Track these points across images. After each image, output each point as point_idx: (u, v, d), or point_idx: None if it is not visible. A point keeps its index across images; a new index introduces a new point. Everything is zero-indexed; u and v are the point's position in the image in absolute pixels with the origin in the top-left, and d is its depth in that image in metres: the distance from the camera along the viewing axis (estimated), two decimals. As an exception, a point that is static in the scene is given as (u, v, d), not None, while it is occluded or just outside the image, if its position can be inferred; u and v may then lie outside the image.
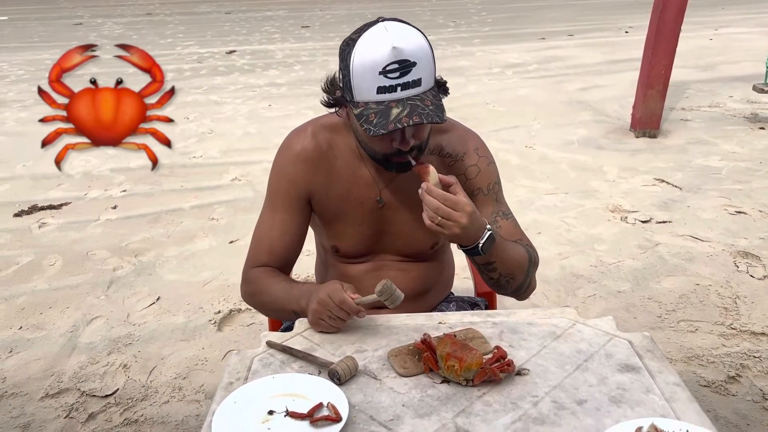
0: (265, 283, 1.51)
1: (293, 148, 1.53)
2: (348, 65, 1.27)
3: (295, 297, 1.42)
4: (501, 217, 1.54)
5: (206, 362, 2.61)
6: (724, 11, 11.95)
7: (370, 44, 1.25)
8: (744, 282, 3.05)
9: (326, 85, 1.39)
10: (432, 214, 1.29)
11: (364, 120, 1.27)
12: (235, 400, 1.14)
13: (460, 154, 1.53)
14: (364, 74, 1.25)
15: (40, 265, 3.44)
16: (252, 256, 1.57)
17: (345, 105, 1.38)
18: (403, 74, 1.24)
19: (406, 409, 1.13)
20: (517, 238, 1.53)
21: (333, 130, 1.53)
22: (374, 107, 1.27)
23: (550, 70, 7.88)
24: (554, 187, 4.31)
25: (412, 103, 1.26)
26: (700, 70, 7.36)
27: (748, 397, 2.31)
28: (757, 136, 5.23)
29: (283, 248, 1.55)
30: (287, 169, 1.52)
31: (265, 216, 1.57)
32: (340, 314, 1.31)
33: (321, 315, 1.33)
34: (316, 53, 9.52)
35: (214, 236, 3.74)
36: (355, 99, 1.29)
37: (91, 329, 2.85)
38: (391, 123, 1.24)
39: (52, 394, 2.44)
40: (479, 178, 1.53)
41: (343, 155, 1.52)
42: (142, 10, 15.62)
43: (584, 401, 1.14)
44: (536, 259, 1.53)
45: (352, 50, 1.26)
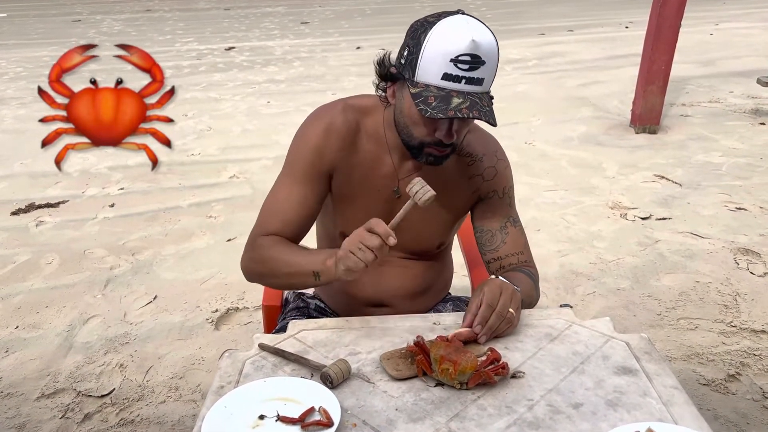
0: (277, 248, 1.44)
1: (323, 119, 1.49)
2: (420, 43, 1.26)
3: (320, 256, 1.36)
4: (511, 224, 1.56)
5: (203, 362, 2.59)
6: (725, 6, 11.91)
7: (450, 30, 1.24)
8: (744, 279, 3.04)
9: (381, 59, 1.39)
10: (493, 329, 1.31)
11: (422, 101, 1.26)
12: (226, 405, 1.12)
13: (480, 155, 1.53)
14: (435, 57, 1.24)
15: (37, 264, 3.43)
16: (262, 223, 1.51)
17: (395, 83, 1.38)
18: (471, 68, 1.24)
19: (400, 413, 1.12)
20: (519, 251, 1.55)
21: (362, 111, 1.51)
22: (435, 91, 1.26)
23: (550, 65, 7.85)
24: (554, 183, 4.29)
25: (472, 99, 1.25)
26: (701, 66, 7.33)
27: (748, 396, 2.29)
28: (757, 131, 5.20)
29: (297, 221, 1.49)
30: (314, 140, 1.48)
31: (283, 185, 1.51)
32: (370, 241, 1.25)
33: (352, 246, 1.27)
34: (315, 49, 9.49)
35: (212, 234, 3.73)
36: (416, 79, 1.28)
37: (87, 329, 2.83)
38: (451, 110, 1.23)
39: (48, 394, 2.42)
40: (496, 180, 1.54)
41: (369, 139, 1.50)
42: (141, 7, 15.58)
43: (580, 405, 1.12)
44: (538, 278, 1.55)
45: (429, 30, 1.26)
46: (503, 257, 1.53)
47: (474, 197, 1.56)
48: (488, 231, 1.56)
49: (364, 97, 1.53)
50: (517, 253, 1.54)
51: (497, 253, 1.54)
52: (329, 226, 1.61)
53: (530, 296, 1.48)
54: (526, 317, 1.41)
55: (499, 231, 1.55)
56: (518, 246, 1.55)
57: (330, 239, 1.63)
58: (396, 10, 13.16)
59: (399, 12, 12.85)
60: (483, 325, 1.28)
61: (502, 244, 1.54)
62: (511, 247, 1.54)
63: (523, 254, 1.56)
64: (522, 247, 1.56)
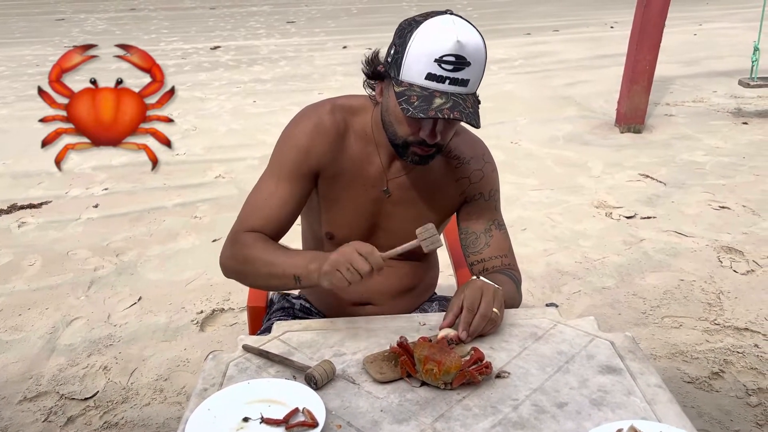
0: (259, 246, 1.42)
1: (311, 119, 1.48)
2: (405, 42, 1.26)
3: (303, 260, 1.34)
4: (495, 227, 1.56)
5: (188, 363, 2.57)
6: (708, 6, 12.01)
7: (435, 30, 1.24)
8: (727, 277, 3.06)
9: (370, 57, 1.39)
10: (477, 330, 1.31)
11: (405, 100, 1.26)
12: (209, 407, 1.11)
13: (467, 158, 1.53)
14: (420, 56, 1.24)
15: (19, 266, 3.39)
16: (244, 219, 1.50)
17: (382, 81, 1.38)
18: (456, 69, 1.24)
19: (385, 414, 1.11)
20: (503, 254, 1.55)
21: (350, 111, 1.51)
22: (418, 91, 1.26)
23: (536, 65, 7.88)
24: (539, 182, 4.31)
25: (455, 99, 1.25)
26: (685, 66, 7.39)
27: (732, 393, 2.31)
28: (740, 131, 5.25)
29: (279, 219, 1.48)
30: (302, 140, 1.47)
31: (267, 182, 1.50)
32: (361, 266, 1.23)
33: (339, 265, 1.24)
34: (301, 49, 9.46)
35: (197, 235, 3.70)
36: (400, 78, 1.28)
37: (70, 330, 2.80)
38: (432, 110, 1.23)
39: (30, 398, 2.39)
40: (482, 183, 1.55)
41: (358, 139, 1.50)
42: (126, 5, 15.44)
43: (565, 404, 1.12)
44: (520, 281, 1.56)
45: (415, 30, 1.26)
46: (486, 260, 1.54)
47: (460, 199, 1.56)
48: (473, 233, 1.56)
49: (352, 97, 1.53)
50: (500, 255, 1.54)
51: (481, 255, 1.54)
52: (315, 225, 1.61)
53: (512, 298, 1.48)
54: (512, 316, 1.41)
55: (484, 233, 1.55)
56: (502, 249, 1.55)
57: (316, 239, 1.63)
58: (382, 10, 13.15)
59: (385, 12, 12.85)
60: (467, 330, 1.29)
61: (486, 246, 1.54)
62: (495, 250, 1.54)
63: (507, 257, 1.56)
64: (506, 250, 1.56)
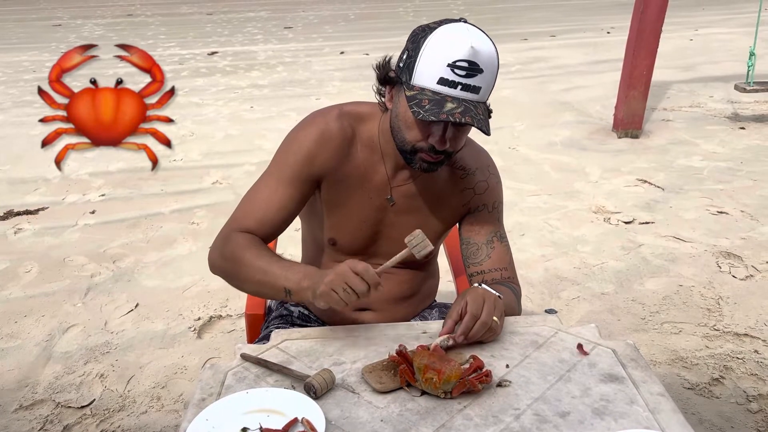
0: (252, 251, 1.39)
1: (318, 125, 1.48)
2: (419, 47, 1.27)
3: (296, 274, 1.32)
4: (497, 239, 1.56)
5: (185, 371, 2.56)
6: (704, 11, 12.04)
7: (450, 35, 1.25)
8: (726, 283, 3.06)
9: (382, 62, 1.39)
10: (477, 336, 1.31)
11: (416, 103, 1.26)
12: (207, 418, 1.10)
13: (472, 169, 1.54)
14: (433, 61, 1.25)
15: (16, 272, 3.37)
16: (238, 218, 1.47)
17: (393, 86, 1.38)
18: (468, 75, 1.24)
19: (385, 424, 1.10)
20: (503, 267, 1.54)
21: (357, 119, 1.50)
22: (430, 95, 1.26)
23: (533, 70, 7.89)
24: (537, 188, 4.30)
25: (466, 105, 1.25)
26: (681, 71, 7.40)
27: (732, 399, 2.30)
28: (737, 135, 5.26)
29: (274, 222, 1.46)
30: (307, 145, 1.45)
31: (266, 184, 1.48)
32: (358, 285, 1.22)
33: (335, 286, 1.22)
34: (298, 54, 9.46)
35: (194, 241, 3.69)
36: (412, 82, 1.28)
37: (67, 338, 2.78)
38: (443, 113, 1.23)
39: (26, 406, 2.37)
40: (486, 194, 1.55)
41: (364, 146, 1.49)
42: (123, 11, 15.43)
43: (567, 414, 1.11)
44: (520, 294, 1.56)
45: (429, 35, 1.27)
46: (486, 271, 1.53)
47: (464, 210, 1.56)
48: (474, 244, 1.55)
49: (360, 104, 1.53)
50: (500, 268, 1.54)
51: (481, 267, 1.53)
52: (317, 231, 1.59)
53: (512, 309, 1.47)
54: (512, 324, 1.40)
55: (485, 245, 1.54)
56: (503, 262, 1.55)
57: (317, 245, 1.62)
58: (380, 16, 13.17)
59: (383, 17, 12.86)
60: (465, 334, 1.28)
61: (487, 258, 1.53)
62: (496, 262, 1.54)
63: (507, 270, 1.55)
64: (506, 263, 1.55)
